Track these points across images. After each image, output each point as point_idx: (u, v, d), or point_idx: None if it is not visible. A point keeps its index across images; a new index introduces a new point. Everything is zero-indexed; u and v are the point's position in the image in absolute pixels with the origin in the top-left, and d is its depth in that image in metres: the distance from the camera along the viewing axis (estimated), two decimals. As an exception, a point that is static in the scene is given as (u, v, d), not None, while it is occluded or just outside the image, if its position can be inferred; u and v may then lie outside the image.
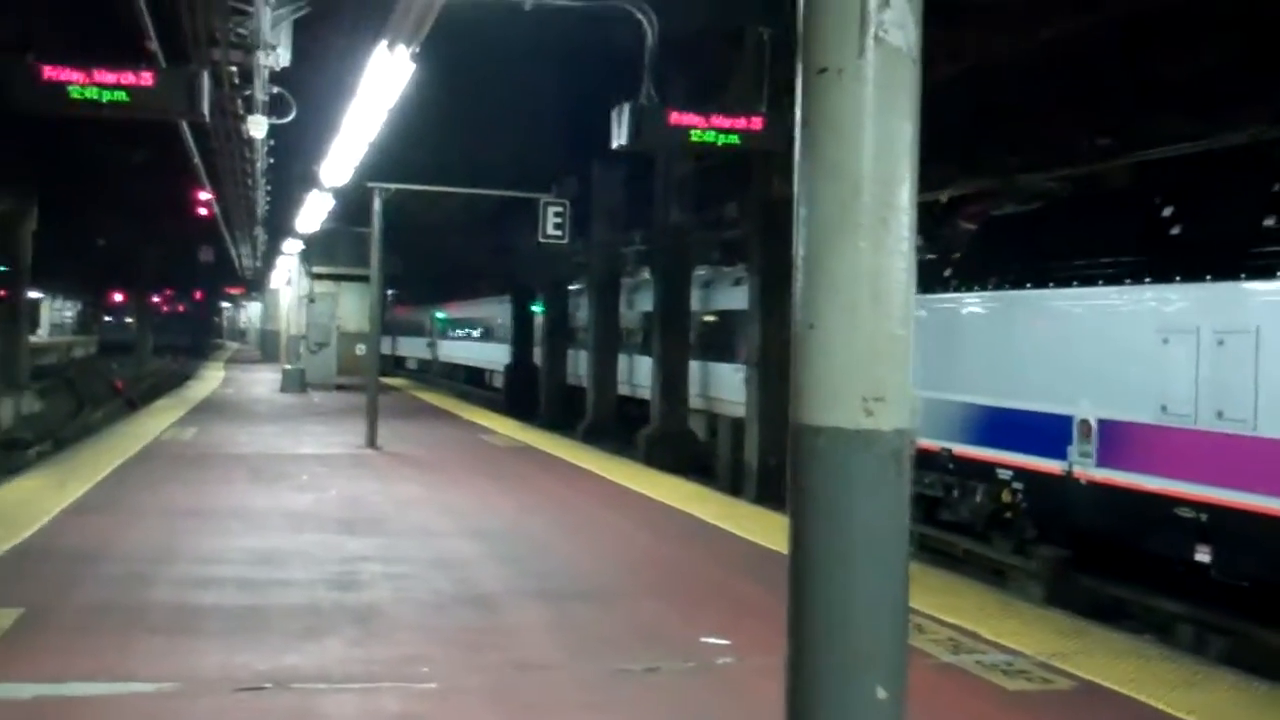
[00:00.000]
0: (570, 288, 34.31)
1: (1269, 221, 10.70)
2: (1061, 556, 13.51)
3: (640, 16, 12.99)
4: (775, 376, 17.32)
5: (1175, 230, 11.93)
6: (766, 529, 12.23)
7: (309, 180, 23.34)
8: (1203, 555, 11.16)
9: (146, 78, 11.46)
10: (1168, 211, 12.14)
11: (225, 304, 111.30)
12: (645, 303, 27.75)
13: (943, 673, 7.34)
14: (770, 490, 17.20)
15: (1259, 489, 10.24)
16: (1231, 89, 14.70)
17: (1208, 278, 11.10)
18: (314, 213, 27.74)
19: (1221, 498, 10.62)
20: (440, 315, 58.74)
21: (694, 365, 24.43)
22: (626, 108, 12.49)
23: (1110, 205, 14.05)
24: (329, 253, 35.00)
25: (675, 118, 12.53)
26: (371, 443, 19.46)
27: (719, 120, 12.58)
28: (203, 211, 37.51)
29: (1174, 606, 12.49)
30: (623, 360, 29.15)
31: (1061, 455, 12.67)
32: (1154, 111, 16.12)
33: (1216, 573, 11.04)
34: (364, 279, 25.66)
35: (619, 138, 12.56)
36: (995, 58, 15.31)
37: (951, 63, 15.25)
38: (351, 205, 25.72)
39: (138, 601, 8.67)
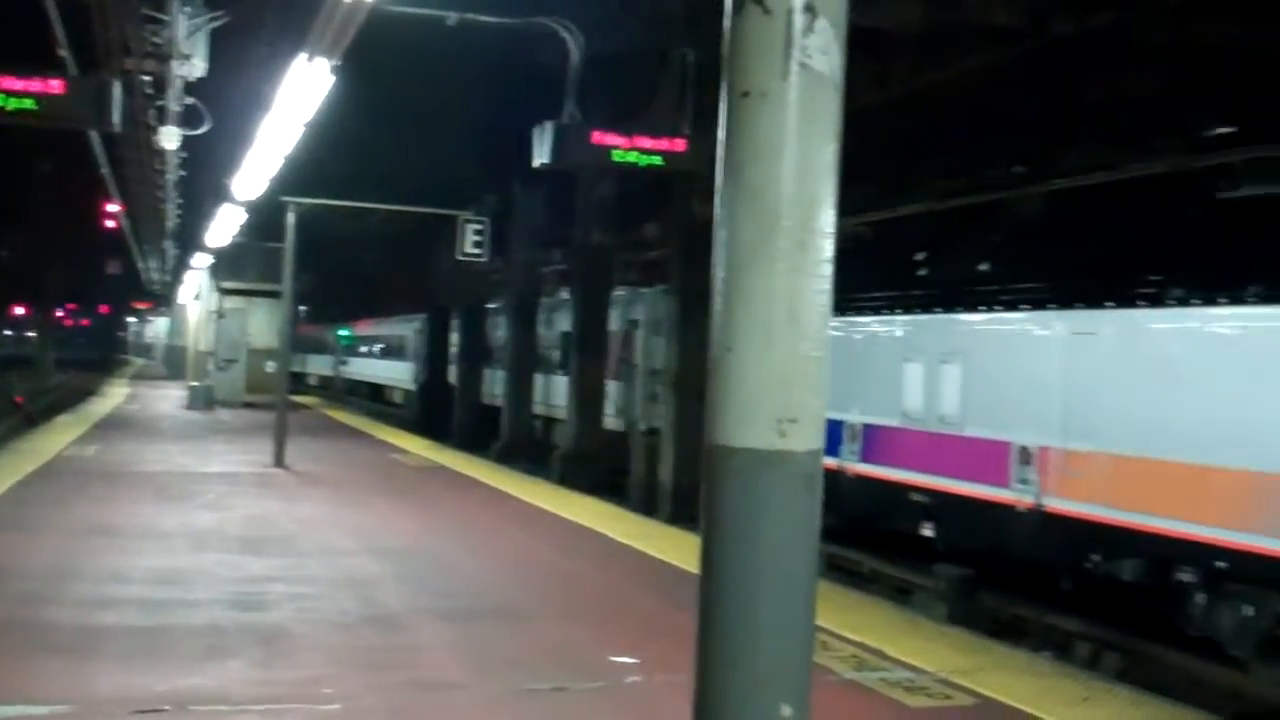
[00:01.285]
0: (488, 306, 34.13)
1: (982, 266, 13.95)
2: (965, 576, 13.72)
3: (565, 35, 13.00)
4: (692, 397, 17.35)
5: (920, 272, 15.29)
6: (678, 548, 12.24)
7: (221, 193, 22.99)
8: (928, 531, 13.92)
9: (56, 86, 11.23)
10: (918, 256, 15.66)
11: (131, 319, 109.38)
12: (564, 322, 27.76)
13: (847, 690, 7.39)
14: (684, 510, 17.20)
15: (965, 477, 13.09)
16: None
17: (937, 310, 13.96)
18: (225, 227, 27.33)
19: (940, 484, 13.38)
20: (344, 333, 59.51)
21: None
22: (549, 126, 12.47)
23: (881, 250, 17.24)
24: (239, 268, 34.49)
25: (598, 137, 12.53)
26: (279, 462, 19.17)
27: (642, 141, 12.60)
28: (110, 224, 36.88)
29: (1072, 625, 12.76)
30: (540, 380, 29.05)
31: (836, 454, 15.14)
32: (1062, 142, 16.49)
33: (939, 546, 13.57)
34: (275, 295, 25.34)
35: (541, 156, 12.53)
36: (922, 86, 15.57)
37: (878, 90, 15.46)
38: (264, 220, 25.38)
39: (35, 621, 8.47)
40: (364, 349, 54.73)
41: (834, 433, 14.91)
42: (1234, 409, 10.29)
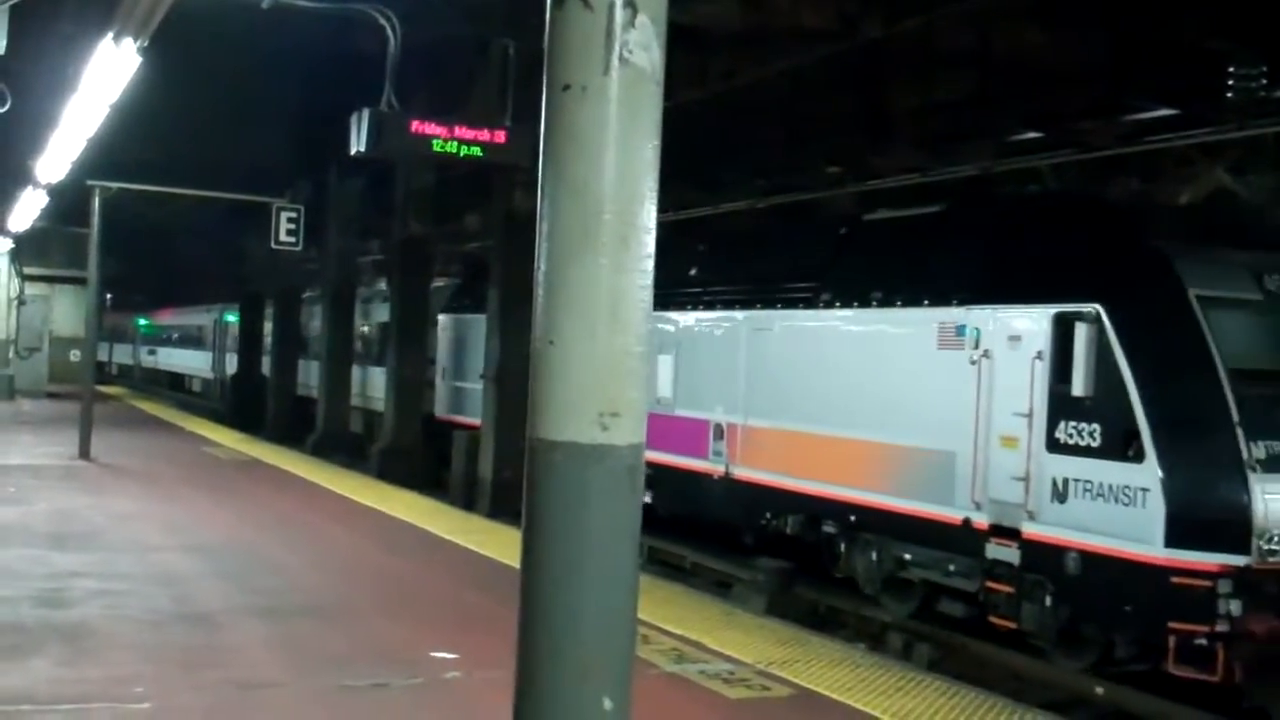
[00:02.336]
0: (304, 295, 33.52)
1: (691, 271, 16.15)
2: (783, 568, 14.00)
3: (383, 21, 12.79)
4: (513, 391, 17.31)
5: (691, 273, 16.86)
6: (499, 543, 12.22)
7: (23, 176, 22.05)
8: (647, 499, 15.42)
9: None
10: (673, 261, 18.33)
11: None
12: (381, 313, 27.43)
13: (667, 682, 7.48)
14: (504, 505, 17.12)
15: (677, 451, 15.23)
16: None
17: (670, 309, 15.81)
18: (27, 210, 26.23)
19: (658, 458, 14.85)
20: (144, 322, 61.08)
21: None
22: (366, 114, 12.26)
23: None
24: (42, 253, 33.35)
25: (417, 126, 12.37)
26: (85, 454, 18.53)
27: (462, 131, 12.49)
28: (-98, 204, 35.10)
29: (886, 616, 13.14)
30: (356, 372, 28.65)
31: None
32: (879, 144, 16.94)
33: (659, 510, 14.84)
34: (80, 281, 24.40)
35: (357, 144, 12.32)
36: (739, 85, 15.82)
37: (697, 88, 15.65)
38: (69, 203, 24.42)
39: None
40: (163, 338, 56.56)
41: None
42: (862, 392, 12.63)
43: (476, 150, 12.50)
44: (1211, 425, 9.84)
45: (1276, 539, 9.43)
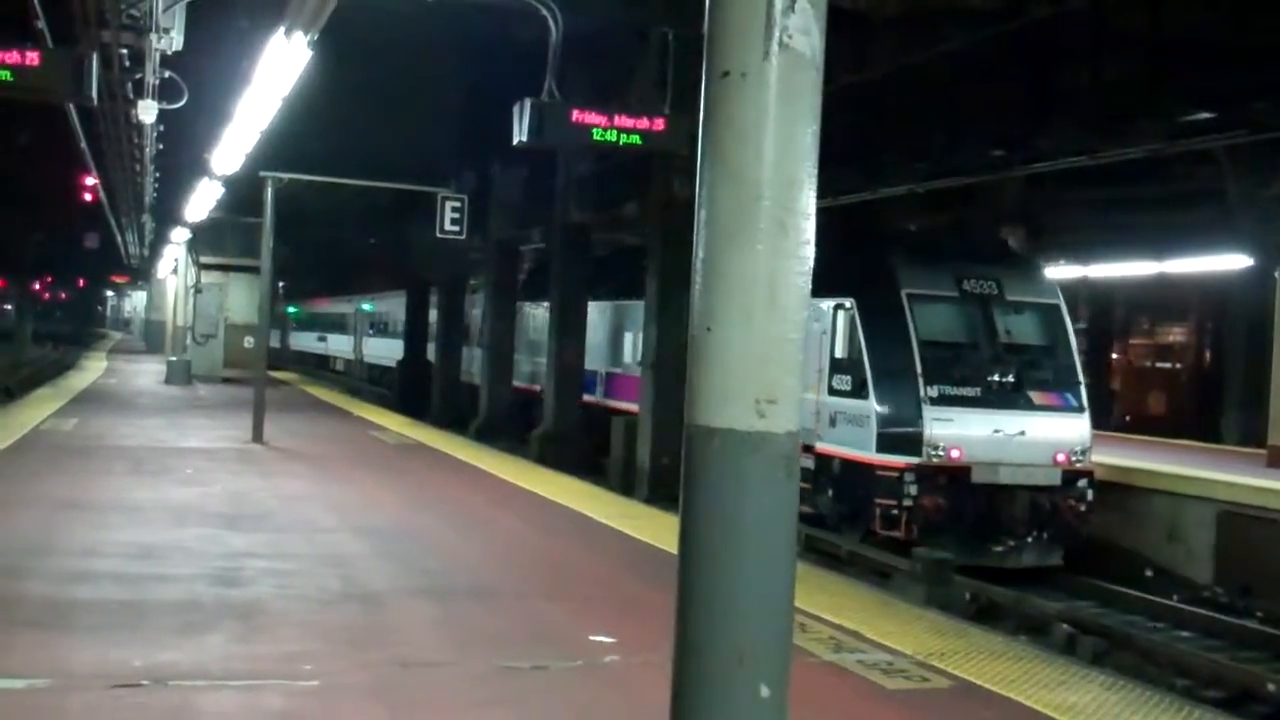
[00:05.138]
0: (469, 283, 34.08)
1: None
2: (942, 559, 13.82)
3: (545, 12, 12.93)
4: (671, 378, 17.40)
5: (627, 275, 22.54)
6: (657, 528, 12.27)
7: (199, 167, 22.87)
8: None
9: (32, 57, 11.10)
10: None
11: (109, 293, 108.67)
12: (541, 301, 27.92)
13: (824, 671, 7.43)
14: (661, 490, 17.25)
15: (633, 399, 20.17)
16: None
17: (631, 299, 20.95)
18: (203, 201, 27.17)
19: (624, 405, 21.40)
20: (292, 310, 67.85)
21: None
22: (528, 104, 12.42)
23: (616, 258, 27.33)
24: (217, 242, 34.48)
25: (577, 116, 12.48)
26: (258, 437, 19.11)
27: (622, 120, 12.57)
28: (88, 197, 36.67)
29: (1050, 608, 12.91)
30: (524, 359, 29.06)
31: (593, 392, 24.76)
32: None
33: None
34: (253, 270, 25.17)
35: (520, 134, 12.48)
36: (900, 68, 15.62)
37: (855, 72, 15.50)
38: (242, 194, 25.23)
39: (11, 594, 8.44)
40: (316, 325, 63.71)
41: (592, 379, 24.66)
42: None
43: (636, 138, 12.57)
44: (905, 376, 15.22)
45: (940, 448, 14.92)
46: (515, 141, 12.62)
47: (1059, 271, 21.83)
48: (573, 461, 21.39)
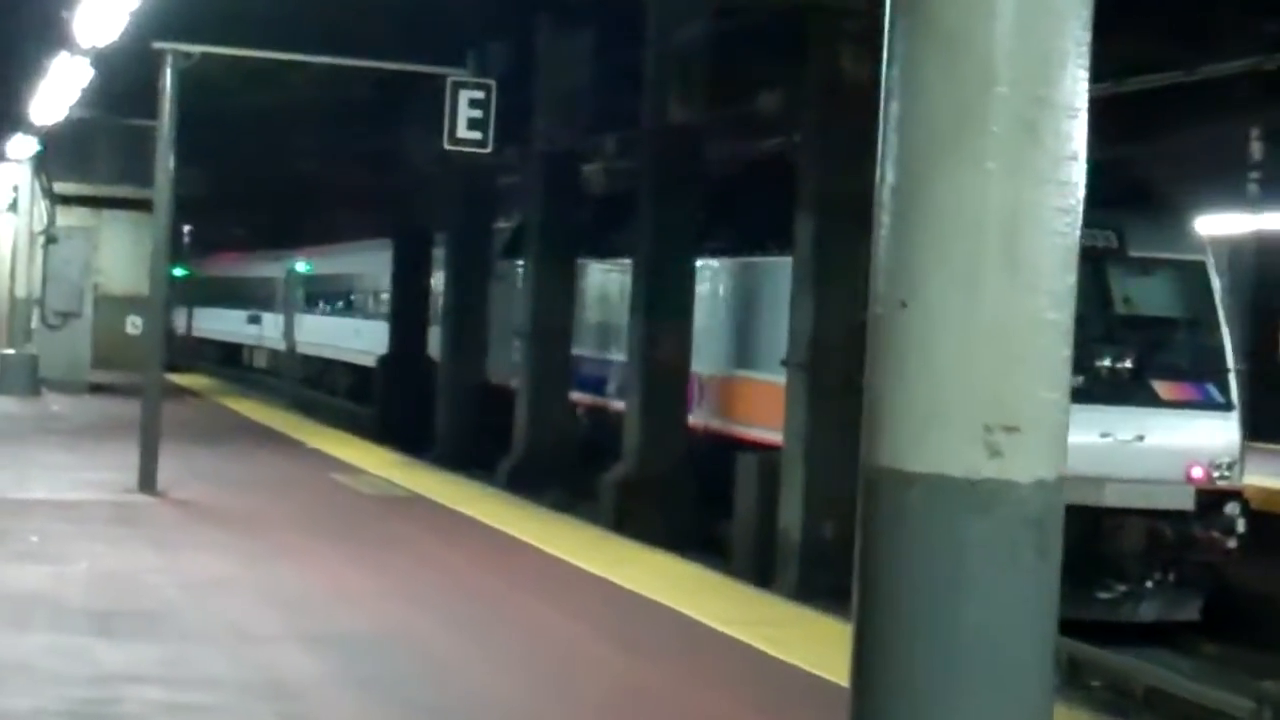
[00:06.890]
0: (498, 227, 23.21)
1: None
2: None
3: None
4: (835, 385, 12.29)
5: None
6: (812, 642, 8.20)
7: (53, 34, 13.91)
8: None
9: None
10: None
11: None
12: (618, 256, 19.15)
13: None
14: (823, 576, 11.64)
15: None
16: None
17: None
18: (60, 91, 17.72)
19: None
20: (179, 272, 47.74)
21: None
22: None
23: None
24: (83, 160, 23.95)
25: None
26: (148, 484, 13.33)
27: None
28: None
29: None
30: (588, 352, 19.57)
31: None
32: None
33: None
34: (142, 205, 17.55)
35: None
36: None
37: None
38: (125, 80, 16.52)
39: None
40: (235, 297, 46.98)
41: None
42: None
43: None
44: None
45: None
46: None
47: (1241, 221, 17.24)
48: (672, 527, 14.47)
